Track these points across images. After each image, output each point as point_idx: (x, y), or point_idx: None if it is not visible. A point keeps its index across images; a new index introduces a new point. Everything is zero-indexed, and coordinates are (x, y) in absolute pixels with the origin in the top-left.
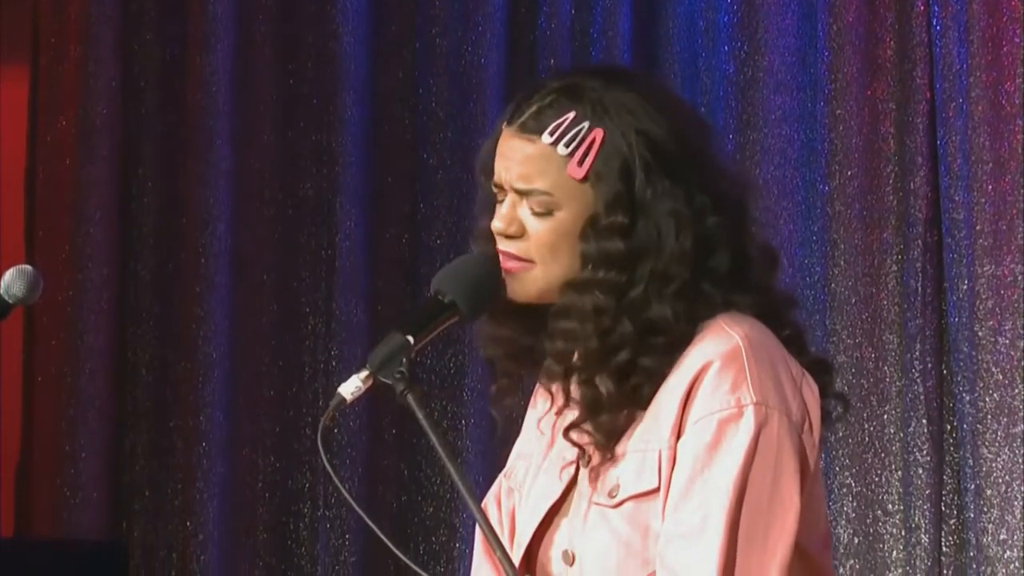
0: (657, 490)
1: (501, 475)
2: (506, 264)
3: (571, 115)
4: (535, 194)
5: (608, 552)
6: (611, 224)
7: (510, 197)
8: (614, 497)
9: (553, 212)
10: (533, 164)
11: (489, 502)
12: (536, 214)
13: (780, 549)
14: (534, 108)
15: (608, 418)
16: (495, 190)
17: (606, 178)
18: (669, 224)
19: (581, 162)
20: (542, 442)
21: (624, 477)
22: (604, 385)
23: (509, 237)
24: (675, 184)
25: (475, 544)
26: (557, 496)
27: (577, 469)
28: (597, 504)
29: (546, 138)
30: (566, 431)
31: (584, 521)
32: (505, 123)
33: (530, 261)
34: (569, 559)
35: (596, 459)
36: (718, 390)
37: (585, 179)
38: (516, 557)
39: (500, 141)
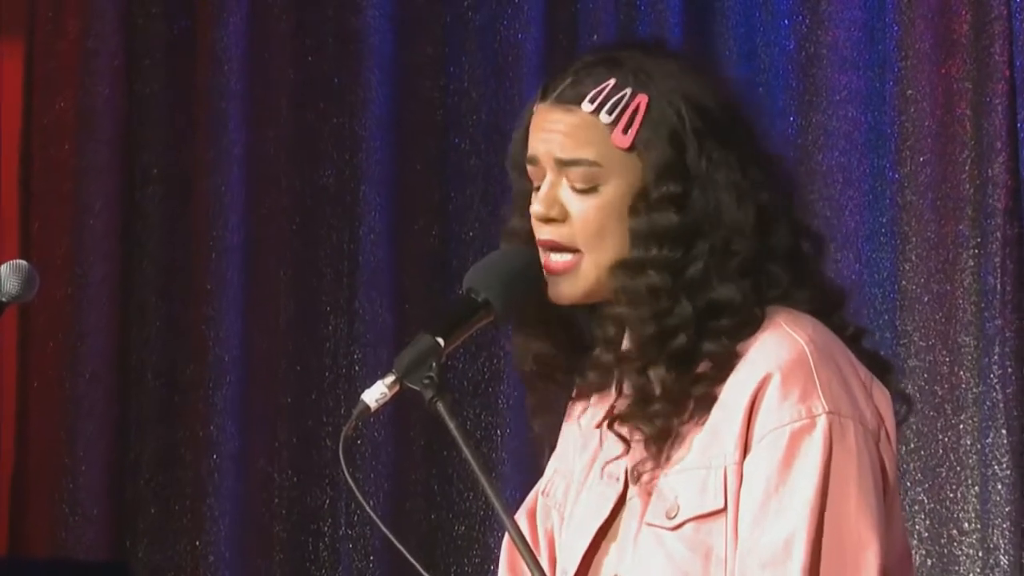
0: (723, 510)
1: (536, 490)
2: (550, 264)
3: (611, 82)
4: (580, 164)
5: None
6: (663, 195)
7: (549, 176)
8: (673, 518)
9: (598, 187)
10: (576, 134)
11: (521, 517)
12: (579, 191)
13: (867, 566)
14: (569, 79)
15: (661, 409)
16: (531, 171)
17: (655, 146)
18: (728, 195)
19: (626, 129)
20: (583, 458)
21: (684, 496)
22: (659, 374)
23: (550, 222)
24: (728, 153)
25: (500, 561)
26: (605, 518)
27: (625, 487)
28: (651, 525)
29: (586, 106)
30: (610, 423)
31: (635, 544)
32: (538, 101)
33: (575, 251)
34: None
35: (648, 475)
36: (786, 400)
37: (632, 148)
38: None
39: (534, 119)
